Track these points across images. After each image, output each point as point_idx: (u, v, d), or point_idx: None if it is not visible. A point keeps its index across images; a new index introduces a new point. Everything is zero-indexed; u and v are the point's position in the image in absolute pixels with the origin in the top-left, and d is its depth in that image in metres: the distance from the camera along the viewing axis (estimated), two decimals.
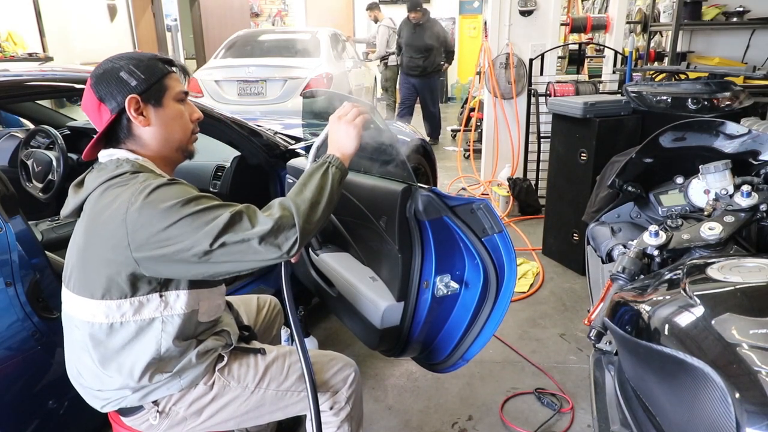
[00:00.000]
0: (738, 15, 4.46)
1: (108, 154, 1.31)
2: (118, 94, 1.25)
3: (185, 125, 1.35)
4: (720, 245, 1.43)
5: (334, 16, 11.55)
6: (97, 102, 1.26)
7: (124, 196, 1.19)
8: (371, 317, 1.86)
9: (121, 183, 1.22)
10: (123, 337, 1.27)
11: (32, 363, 1.61)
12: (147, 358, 1.29)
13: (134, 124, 1.28)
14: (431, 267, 1.72)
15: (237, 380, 1.42)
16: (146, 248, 1.16)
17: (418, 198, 1.64)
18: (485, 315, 1.76)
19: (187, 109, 1.37)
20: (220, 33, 9.58)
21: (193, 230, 1.15)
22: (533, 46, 4.61)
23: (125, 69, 1.25)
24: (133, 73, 1.25)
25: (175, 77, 1.34)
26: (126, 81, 1.25)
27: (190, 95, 1.41)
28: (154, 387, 1.33)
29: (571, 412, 2.24)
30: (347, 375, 1.58)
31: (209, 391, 1.39)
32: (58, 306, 1.37)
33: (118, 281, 1.22)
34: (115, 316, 1.25)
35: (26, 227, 1.59)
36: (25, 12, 6.92)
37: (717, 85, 3.05)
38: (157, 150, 1.32)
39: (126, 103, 1.24)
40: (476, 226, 1.66)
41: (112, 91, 1.25)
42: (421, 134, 3.70)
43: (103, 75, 1.26)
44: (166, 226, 1.14)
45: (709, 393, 0.87)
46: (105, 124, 1.26)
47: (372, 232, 1.88)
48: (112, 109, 1.25)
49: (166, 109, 1.31)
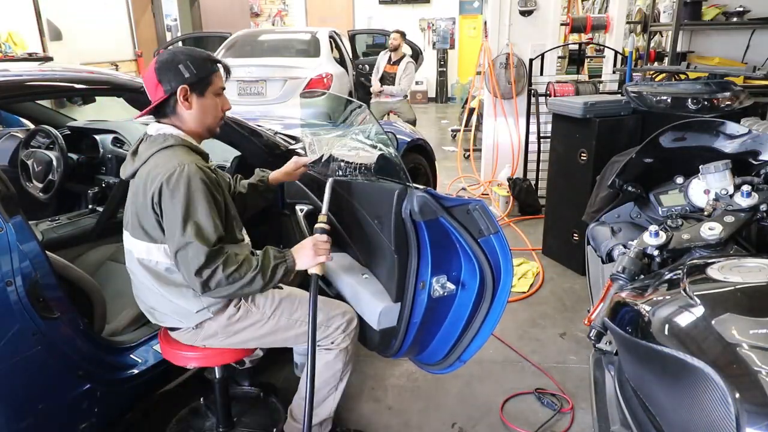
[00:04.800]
0: (738, 15, 4.46)
1: (156, 128, 1.67)
2: (173, 81, 1.60)
3: (217, 114, 1.74)
4: (720, 245, 1.43)
5: (334, 16, 11.55)
6: (156, 82, 1.61)
7: (166, 168, 1.55)
8: (368, 318, 1.86)
9: (170, 152, 1.60)
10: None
11: (33, 363, 1.61)
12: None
13: (179, 106, 1.64)
14: (427, 268, 1.72)
15: (257, 307, 1.77)
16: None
17: (413, 199, 1.64)
18: (482, 316, 1.77)
19: (221, 102, 1.73)
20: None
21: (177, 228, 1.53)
22: (533, 46, 4.61)
23: (183, 63, 1.61)
24: (188, 67, 1.61)
25: (218, 75, 1.70)
26: (182, 72, 1.61)
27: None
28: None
29: (571, 412, 2.24)
30: (349, 318, 1.88)
31: (236, 313, 1.74)
32: (58, 306, 1.37)
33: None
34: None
35: (26, 227, 1.59)
36: (25, 12, 6.92)
37: (717, 85, 3.05)
38: (192, 127, 1.69)
39: (178, 90, 1.60)
40: (472, 227, 1.66)
41: (170, 77, 1.60)
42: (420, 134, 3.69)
43: (165, 62, 1.61)
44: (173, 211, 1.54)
45: (709, 393, 0.87)
46: (157, 100, 1.62)
47: (369, 233, 1.88)
48: (166, 90, 1.61)
49: (206, 99, 1.67)
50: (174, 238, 1.53)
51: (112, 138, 2.73)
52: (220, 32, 7.52)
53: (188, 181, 1.53)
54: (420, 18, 11.74)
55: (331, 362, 1.86)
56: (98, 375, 1.79)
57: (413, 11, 11.74)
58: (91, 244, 2.52)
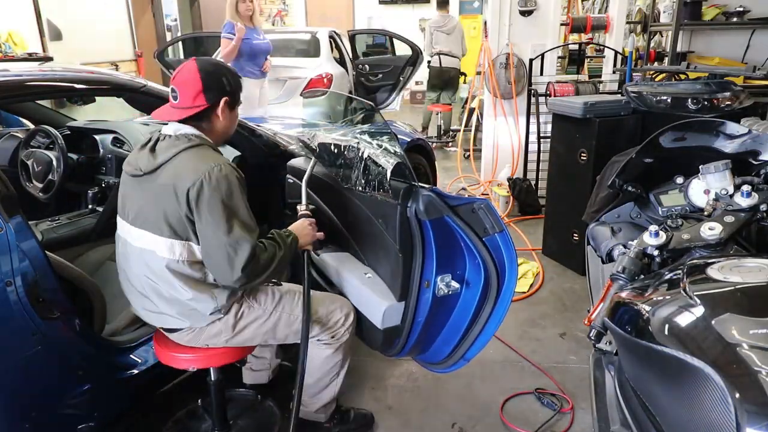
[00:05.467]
0: (738, 15, 4.46)
1: (175, 129, 1.67)
2: (217, 91, 1.67)
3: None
4: (720, 245, 1.43)
5: (334, 16, 11.54)
6: (200, 89, 1.64)
7: (203, 165, 1.58)
8: (372, 317, 1.86)
9: (199, 151, 1.63)
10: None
11: (33, 363, 1.61)
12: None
13: (216, 116, 1.70)
14: (432, 267, 1.72)
15: (259, 303, 1.79)
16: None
17: (419, 198, 1.64)
18: (486, 314, 1.77)
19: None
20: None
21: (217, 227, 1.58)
22: (533, 46, 4.60)
23: (227, 76, 1.70)
24: (230, 81, 1.70)
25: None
26: (225, 85, 1.69)
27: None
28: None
29: (571, 412, 2.24)
30: (347, 312, 1.92)
31: (239, 310, 1.76)
32: (58, 306, 1.37)
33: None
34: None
35: (26, 227, 1.58)
36: (25, 12, 6.91)
37: (717, 85, 3.05)
38: (217, 135, 1.76)
39: (221, 101, 1.68)
40: (477, 225, 1.66)
41: (214, 88, 1.66)
42: (420, 134, 3.69)
43: (212, 72, 1.67)
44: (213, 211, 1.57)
45: (709, 393, 0.87)
46: (198, 107, 1.65)
47: (373, 232, 1.88)
48: (208, 99, 1.66)
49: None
50: (216, 238, 1.56)
51: (112, 138, 2.73)
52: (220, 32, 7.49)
53: (228, 180, 1.58)
54: (420, 18, 11.72)
55: (331, 356, 1.91)
56: (98, 375, 1.79)
57: (413, 11, 11.72)
58: (91, 244, 2.51)
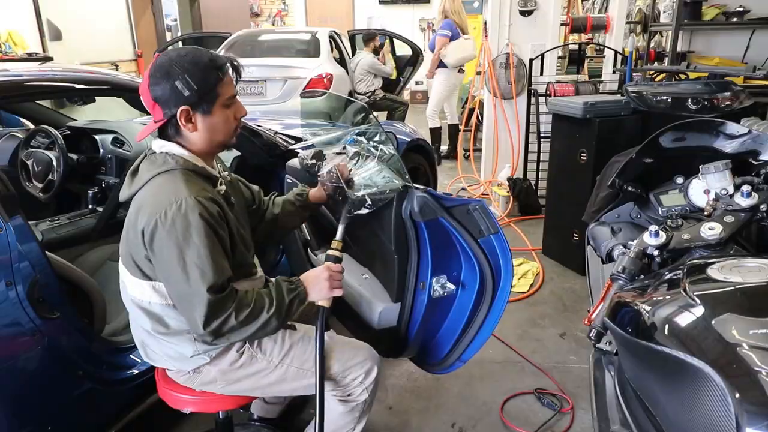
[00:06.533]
0: (738, 15, 4.46)
1: (159, 146, 1.44)
2: (171, 102, 1.35)
3: (229, 128, 1.48)
4: (720, 245, 1.43)
5: (334, 16, 11.55)
6: (151, 102, 1.37)
7: (163, 200, 1.34)
8: (368, 318, 1.86)
9: (168, 180, 1.38)
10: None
11: (32, 363, 1.61)
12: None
13: (181, 128, 1.40)
14: (427, 268, 1.72)
15: (264, 353, 1.55)
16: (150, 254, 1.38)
17: (413, 199, 1.63)
18: (482, 316, 1.76)
19: (233, 111, 1.47)
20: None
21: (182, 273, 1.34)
22: (533, 46, 4.60)
23: (181, 78, 1.33)
24: (187, 84, 1.34)
25: (227, 81, 1.42)
26: (180, 91, 1.34)
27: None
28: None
29: (571, 412, 2.24)
30: (368, 368, 1.64)
31: (239, 359, 1.53)
32: (58, 306, 1.37)
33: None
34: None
35: (26, 227, 1.58)
36: (25, 12, 6.92)
37: (717, 85, 3.04)
38: (200, 148, 1.45)
39: (178, 113, 1.36)
40: (472, 227, 1.66)
41: (167, 98, 1.35)
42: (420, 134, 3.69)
43: (160, 78, 1.35)
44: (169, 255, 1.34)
45: (709, 393, 0.87)
46: (157, 125, 1.40)
47: (369, 233, 1.88)
48: (165, 114, 1.37)
49: (213, 116, 1.42)
50: (174, 285, 1.36)
51: (112, 138, 2.73)
52: (220, 32, 7.51)
53: (186, 220, 1.31)
54: (420, 18, 11.73)
55: (344, 414, 1.63)
56: (98, 375, 1.79)
57: (413, 11, 11.72)
58: (91, 244, 2.51)
